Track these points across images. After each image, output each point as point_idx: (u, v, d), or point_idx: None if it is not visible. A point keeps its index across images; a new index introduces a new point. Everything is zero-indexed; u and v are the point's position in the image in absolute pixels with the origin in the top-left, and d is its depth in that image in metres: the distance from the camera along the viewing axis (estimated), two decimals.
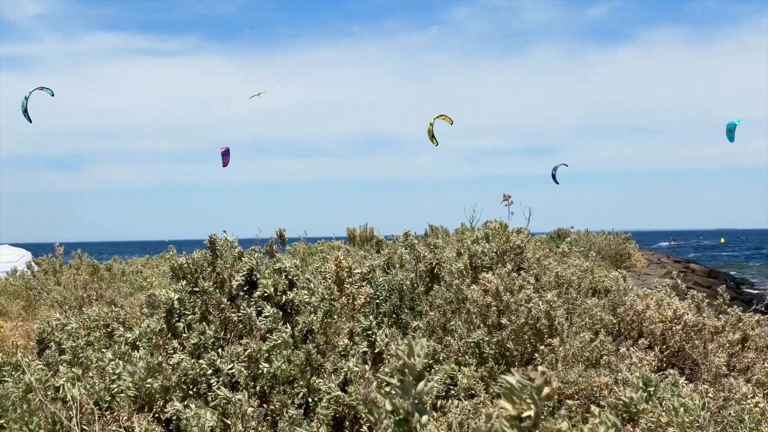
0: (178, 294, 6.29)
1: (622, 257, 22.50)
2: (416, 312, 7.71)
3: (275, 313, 5.67)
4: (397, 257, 8.37)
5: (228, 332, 6.38)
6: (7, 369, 6.14)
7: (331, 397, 5.23)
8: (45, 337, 6.25)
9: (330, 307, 6.12)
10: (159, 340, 6.04)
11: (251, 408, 4.76)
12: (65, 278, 15.48)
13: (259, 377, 5.40)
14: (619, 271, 10.11)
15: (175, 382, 5.33)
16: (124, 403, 4.97)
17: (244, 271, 6.26)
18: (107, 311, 6.59)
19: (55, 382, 5.16)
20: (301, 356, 5.48)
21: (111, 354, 5.53)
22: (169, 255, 20.00)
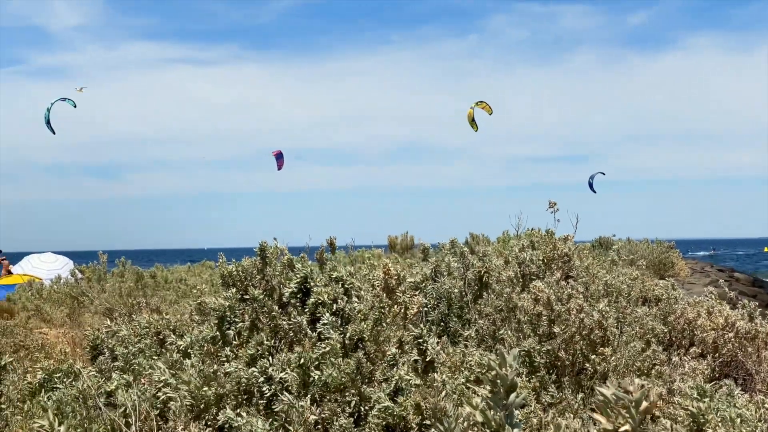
0: (229, 302, 6.29)
1: (665, 266, 22.22)
2: (465, 320, 7.66)
3: (333, 321, 5.64)
4: (444, 265, 8.33)
5: (278, 340, 6.37)
6: (58, 375, 6.17)
7: (382, 407, 5.19)
8: (98, 344, 6.28)
9: (380, 315, 6.09)
10: (211, 347, 6.05)
11: (313, 416, 4.74)
12: (110, 286, 15.59)
13: (311, 385, 5.38)
14: (667, 279, 9.99)
15: (228, 390, 5.32)
16: (179, 411, 4.97)
17: (298, 278, 6.24)
18: (158, 318, 6.60)
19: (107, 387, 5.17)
20: (351, 364, 5.45)
21: (164, 361, 5.54)
22: (210, 263, 20.05)
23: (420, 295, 7.01)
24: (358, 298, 6.45)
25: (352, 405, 5.37)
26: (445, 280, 7.96)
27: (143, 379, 5.63)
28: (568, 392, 6.49)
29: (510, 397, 1.80)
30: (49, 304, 16.51)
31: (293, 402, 5.00)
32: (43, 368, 6.12)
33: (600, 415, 1.64)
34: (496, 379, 1.79)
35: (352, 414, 5.36)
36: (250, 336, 6.28)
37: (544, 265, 8.24)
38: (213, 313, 6.16)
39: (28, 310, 16.59)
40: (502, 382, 1.80)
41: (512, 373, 1.80)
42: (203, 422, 5.08)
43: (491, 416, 1.75)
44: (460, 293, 7.81)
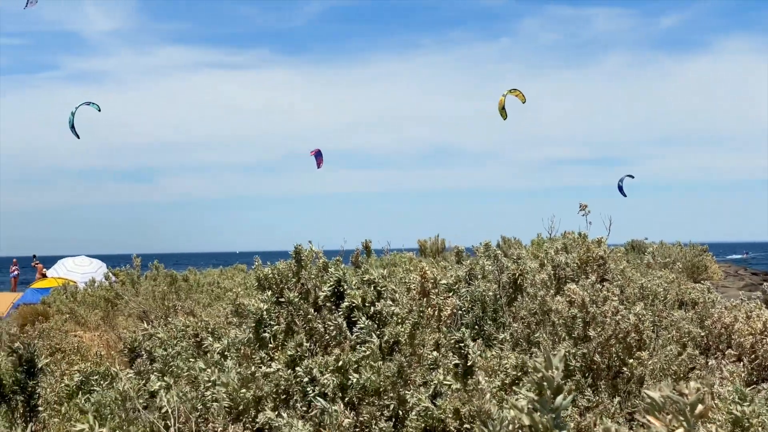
0: (265, 304, 6.31)
1: (698, 269, 22.05)
2: (499, 323, 7.63)
3: (370, 325, 5.64)
4: (479, 268, 8.31)
5: (313, 343, 6.38)
6: (95, 378, 6.21)
7: (421, 409, 5.18)
8: (135, 346, 6.32)
9: (418, 318, 6.08)
10: (247, 350, 6.07)
11: (348, 419, 4.74)
12: (143, 289, 15.68)
13: (349, 388, 5.38)
14: (702, 282, 9.90)
15: (266, 392, 5.34)
16: (218, 412, 4.99)
17: (332, 281, 6.25)
18: (195, 321, 6.64)
19: (150, 388, 5.20)
20: (392, 368, 5.45)
21: (203, 363, 5.56)
22: (242, 266, 20.14)
23: (453, 298, 7.00)
24: (392, 300, 6.44)
25: (390, 408, 5.36)
26: (479, 283, 7.93)
27: (182, 381, 5.66)
28: (605, 396, 6.44)
29: (557, 399, 1.79)
30: (84, 308, 16.64)
31: (327, 406, 5.01)
32: (80, 370, 6.16)
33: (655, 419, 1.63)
34: (543, 382, 1.78)
35: (390, 418, 5.35)
36: (285, 339, 6.29)
37: (578, 268, 8.20)
38: (250, 315, 6.18)
39: (62, 313, 16.74)
40: (548, 384, 1.79)
41: (559, 375, 1.79)
42: (242, 424, 5.10)
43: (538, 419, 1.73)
44: (495, 296, 7.78)
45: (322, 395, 5.33)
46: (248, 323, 6.31)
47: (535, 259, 9.57)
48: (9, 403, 6.21)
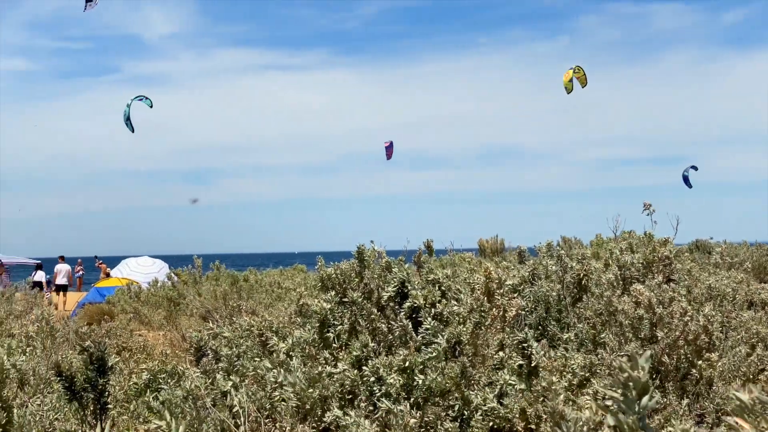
0: (329, 304, 6.34)
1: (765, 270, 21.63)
2: (563, 324, 7.57)
3: (435, 326, 5.64)
4: (542, 268, 8.25)
5: (377, 343, 6.39)
6: (162, 376, 6.29)
7: (487, 409, 5.16)
8: (201, 345, 6.39)
9: (480, 318, 6.06)
10: (312, 350, 6.10)
11: (413, 419, 4.74)
12: (205, 289, 15.87)
13: (414, 389, 5.38)
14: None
15: (332, 392, 5.36)
16: (286, 412, 5.03)
17: (395, 282, 6.25)
18: (260, 320, 6.69)
19: (223, 387, 5.25)
20: (455, 368, 5.44)
21: (269, 363, 5.61)
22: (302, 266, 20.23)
23: (518, 298, 6.95)
24: (456, 300, 6.43)
25: (455, 409, 5.35)
26: (543, 283, 7.88)
27: (247, 380, 5.71)
28: (673, 398, 6.36)
29: (643, 400, 1.77)
30: (147, 307, 16.90)
31: (392, 407, 5.01)
32: (148, 369, 6.25)
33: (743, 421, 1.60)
34: (629, 382, 1.76)
35: (455, 418, 5.34)
36: (349, 339, 6.31)
37: (644, 268, 8.10)
38: (314, 315, 6.21)
39: (127, 312, 17.01)
40: (635, 384, 1.77)
41: (645, 375, 1.77)
42: (310, 424, 5.13)
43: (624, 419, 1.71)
44: (558, 296, 7.72)
45: (387, 395, 5.33)
46: (312, 323, 6.34)
47: (597, 259, 9.47)
48: (80, 400, 6.33)
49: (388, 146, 27.62)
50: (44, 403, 6.38)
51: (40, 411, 6.18)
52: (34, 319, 8.73)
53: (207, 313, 13.57)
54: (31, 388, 6.61)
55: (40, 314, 8.82)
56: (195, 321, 14.08)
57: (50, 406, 6.35)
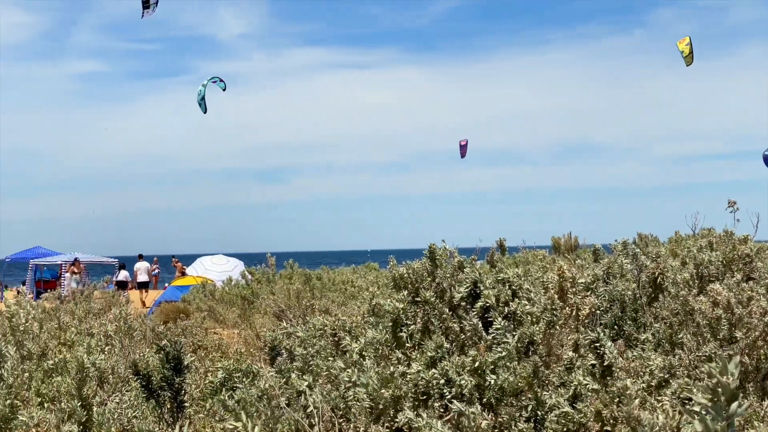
0: (402, 304, 6.33)
1: None
2: (639, 324, 7.44)
3: (506, 326, 5.59)
4: (617, 267, 8.12)
5: (449, 343, 6.36)
6: (238, 375, 6.35)
7: (561, 413, 5.10)
8: (275, 344, 6.43)
9: (552, 317, 5.99)
10: (385, 349, 6.10)
11: (486, 421, 4.70)
12: (278, 287, 16.01)
13: (486, 389, 5.34)
14: None
15: (404, 392, 5.35)
16: (360, 413, 5.03)
17: (468, 282, 6.22)
18: (333, 320, 6.71)
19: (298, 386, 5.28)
20: (528, 368, 5.38)
21: (342, 363, 5.62)
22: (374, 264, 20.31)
23: (592, 297, 6.86)
24: (527, 300, 6.37)
25: (528, 410, 5.30)
26: (618, 282, 7.75)
27: (321, 379, 5.73)
28: (753, 398, 6.22)
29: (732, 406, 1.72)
30: (222, 305, 17.10)
31: (464, 408, 4.98)
32: (223, 367, 6.31)
33: None
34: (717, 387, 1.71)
35: (529, 419, 5.29)
36: (422, 339, 6.30)
37: (723, 266, 7.93)
38: (387, 315, 6.21)
39: (201, 310, 17.25)
40: (723, 390, 1.72)
41: (735, 381, 1.71)
42: (383, 424, 5.12)
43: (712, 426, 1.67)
44: (634, 295, 7.59)
45: (459, 396, 5.30)
46: (385, 323, 6.33)
47: (675, 257, 9.30)
48: (157, 398, 6.43)
49: (463, 144, 27.82)
50: (123, 401, 6.50)
51: (119, 409, 6.29)
52: (113, 318, 8.91)
53: (280, 312, 13.68)
54: (110, 386, 6.74)
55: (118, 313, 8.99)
56: (269, 319, 14.21)
57: (128, 404, 6.46)
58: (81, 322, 11.44)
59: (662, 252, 8.14)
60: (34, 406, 6.37)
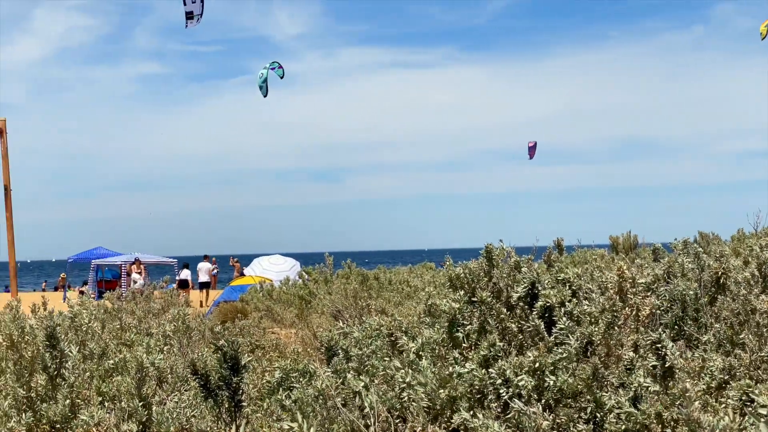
0: (458, 304, 6.30)
1: None
2: (700, 324, 7.31)
3: (569, 326, 5.53)
4: (677, 266, 7.99)
5: (506, 343, 6.31)
6: (294, 375, 6.38)
7: (622, 413, 5.02)
8: (332, 344, 6.45)
9: (612, 318, 5.91)
10: (441, 349, 6.07)
11: (546, 422, 4.66)
12: (336, 287, 16.04)
13: (545, 390, 5.29)
14: None
15: (460, 392, 5.32)
16: (417, 413, 5.02)
17: (525, 282, 6.17)
18: (389, 320, 6.71)
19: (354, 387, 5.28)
20: (587, 370, 5.32)
21: (398, 363, 5.61)
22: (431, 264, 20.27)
23: (652, 297, 6.75)
24: (586, 300, 6.30)
25: (587, 411, 5.24)
26: (679, 282, 7.62)
27: (377, 380, 5.73)
28: None
29: None
30: (279, 305, 17.20)
31: (524, 408, 4.94)
32: (280, 367, 6.34)
33: None
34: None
35: (588, 420, 5.23)
36: (478, 339, 6.26)
37: None
38: (443, 315, 6.19)
39: (259, 310, 17.37)
40: None
41: None
42: (439, 424, 5.11)
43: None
44: (695, 295, 7.46)
45: (517, 396, 5.26)
46: (441, 323, 6.31)
47: (737, 256, 9.13)
48: (215, 398, 6.48)
49: (532, 146, 27.72)
50: (181, 400, 6.57)
51: (178, 408, 6.36)
52: (171, 318, 9.01)
53: (337, 312, 13.72)
54: (168, 385, 6.82)
55: (177, 313, 9.10)
56: (326, 319, 14.26)
57: (187, 404, 6.53)
58: (141, 322, 11.60)
59: (725, 251, 7.98)
60: (94, 405, 6.46)
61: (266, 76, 23.47)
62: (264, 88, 23.61)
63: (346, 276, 16.87)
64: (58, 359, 6.98)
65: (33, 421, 6.60)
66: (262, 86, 23.65)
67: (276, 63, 23.76)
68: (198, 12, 20.15)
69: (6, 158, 20.80)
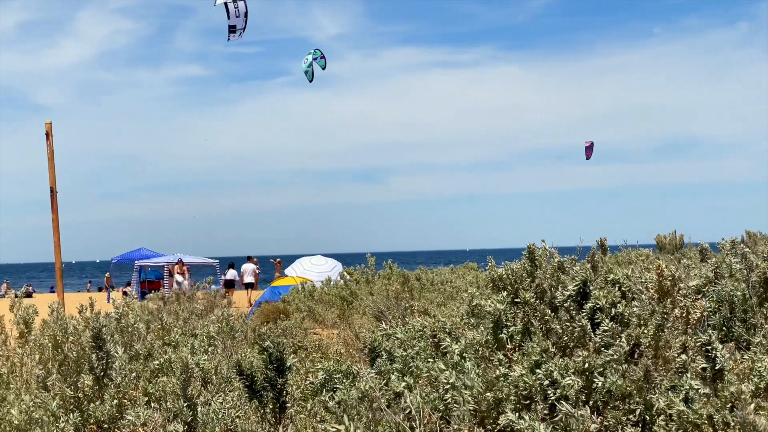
0: (502, 305, 6.25)
1: None
2: (749, 325, 7.20)
3: (614, 328, 5.47)
4: (725, 266, 7.87)
5: (551, 344, 6.26)
6: (338, 376, 6.37)
7: (672, 414, 4.95)
8: (376, 346, 6.43)
9: (662, 320, 5.83)
10: (485, 351, 6.03)
11: (594, 424, 4.60)
12: (377, 288, 16.04)
13: (593, 392, 5.23)
14: None
15: (506, 394, 5.28)
16: (463, 415, 4.98)
17: (577, 281, 6.10)
18: (433, 321, 6.68)
19: (396, 388, 5.26)
20: (638, 372, 5.25)
21: (442, 364, 5.58)
22: (473, 264, 20.19)
23: (702, 299, 6.66)
24: (635, 301, 6.22)
25: (636, 413, 5.17)
26: (727, 283, 7.51)
27: (421, 381, 5.70)
28: None
29: None
30: (321, 306, 17.22)
31: (572, 411, 4.88)
32: (323, 368, 6.33)
33: None
34: None
35: (637, 423, 5.16)
36: (522, 340, 6.21)
37: None
38: (487, 316, 6.15)
39: (301, 311, 17.40)
40: None
41: None
42: (485, 427, 5.07)
43: None
44: (743, 296, 7.35)
45: (564, 398, 5.21)
46: (486, 324, 6.27)
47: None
48: (260, 399, 6.49)
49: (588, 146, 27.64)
50: (226, 401, 6.59)
51: (223, 409, 6.38)
52: (215, 319, 9.06)
53: (379, 313, 13.71)
54: (213, 386, 6.84)
55: (221, 314, 9.14)
56: (367, 320, 14.26)
57: (231, 404, 6.55)
58: (185, 322, 11.68)
59: None
60: (140, 406, 6.50)
61: (311, 61, 23.56)
62: (309, 73, 23.70)
63: (388, 276, 16.85)
64: (104, 360, 7.04)
65: (80, 421, 6.66)
66: (308, 71, 23.74)
67: (319, 52, 23.83)
68: (241, 27, 20.30)
69: (52, 161, 21.06)
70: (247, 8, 20.29)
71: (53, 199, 21.21)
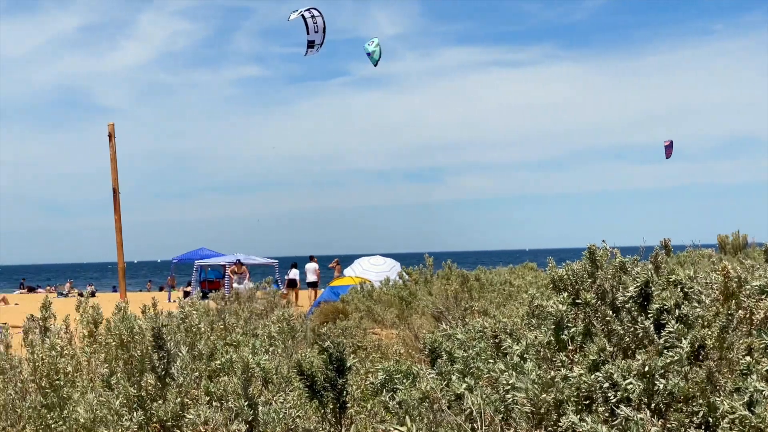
0: (564, 306, 6.21)
1: None
2: None
3: (680, 329, 5.40)
4: None
5: (612, 345, 6.20)
6: (398, 377, 6.37)
7: (735, 417, 4.87)
8: (436, 346, 6.43)
9: (726, 321, 5.74)
10: (547, 352, 6.00)
11: (655, 428, 4.55)
12: (436, 288, 16.02)
13: (655, 394, 5.17)
14: None
15: (567, 396, 5.24)
16: (522, 417, 4.96)
17: (639, 282, 6.04)
18: (493, 322, 6.66)
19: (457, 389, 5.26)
20: (701, 374, 5.18)
21: (503, 365, 5.56)
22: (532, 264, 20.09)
23: (766, 299, 6.54)
24: (698, 302, 6.13)
25: (699, 416, 5.10)
26: None
27: (482, 382, 5.68)
28: None
29: None
30: (379, 306, 17.26)
31: (631, 414, 4.83)
32: (383, 369, 6.34)
33: None
34: None
35: (700, 425, 5.09)
36: (583, 341, 6.16)
37: None
38: (549, 317, 6.11)
39: (360, 311, 17.47)
40: None
41: None
42: (545, 428, 5.04)
43: None
44: None
45: (625, 400, 5.15)
46: (547, 325, 6.23)
47: None
48: (320, 399, 6.53)
49: (668, 145, 27.52)
50: (286, 401, 6.64)
51: (283, 409, 6.43)
52: (276, 319, 9.13)
53: (439, 313, 13.69)
54: (274, 386, 6.90)
55: (281, 314, 9.21)
56: (426, 320, 14.25)
57: (292, 404, 6.59)
58: (246, 323, 11.79)
59: None
60: (202, 405, 6.58)
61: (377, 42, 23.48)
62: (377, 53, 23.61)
63: (447, 276, 16.83)
64: (165, 359, 7.14)
65: (144, 419, 6.77)
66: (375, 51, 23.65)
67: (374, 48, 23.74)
68: (319, 42, 20.39)
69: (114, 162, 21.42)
70: (325, 23, 20.38)
71: (115, 200, 21.57)
